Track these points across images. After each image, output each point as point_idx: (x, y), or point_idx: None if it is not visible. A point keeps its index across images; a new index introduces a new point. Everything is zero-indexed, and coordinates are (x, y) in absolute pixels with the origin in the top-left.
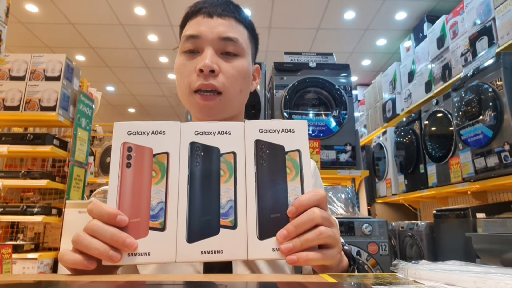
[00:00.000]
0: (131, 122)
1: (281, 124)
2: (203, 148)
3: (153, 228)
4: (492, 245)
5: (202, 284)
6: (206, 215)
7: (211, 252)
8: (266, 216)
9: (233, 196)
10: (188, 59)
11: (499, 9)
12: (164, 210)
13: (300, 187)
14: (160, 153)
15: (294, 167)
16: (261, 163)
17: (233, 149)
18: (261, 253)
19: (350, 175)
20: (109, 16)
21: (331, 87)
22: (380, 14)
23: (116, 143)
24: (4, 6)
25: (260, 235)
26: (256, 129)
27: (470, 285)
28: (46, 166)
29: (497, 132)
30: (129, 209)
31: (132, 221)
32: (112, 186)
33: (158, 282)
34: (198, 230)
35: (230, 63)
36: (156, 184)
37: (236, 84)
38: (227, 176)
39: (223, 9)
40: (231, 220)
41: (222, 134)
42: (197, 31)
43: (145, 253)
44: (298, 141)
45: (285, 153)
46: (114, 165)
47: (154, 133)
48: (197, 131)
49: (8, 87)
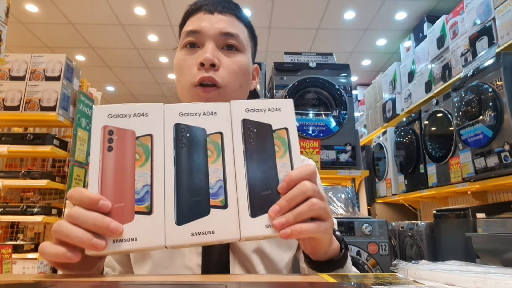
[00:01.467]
0: (111, 105)
1: (267, 103)
2: (188, 129)
3: (139, 212)
4: (492, 245)
5: (202, 284)
6: (195, 196)
7: (202, 233)
8: (257, 194)
9: (222, 176)
10: (189, 53)
11: (499, 9)
12: (150, 193)
13: (290, 164)
14: (143, 135)
15: (282, 144)
16: (249, 142)
17: (220, 129)
18: (254, 230)
19: (350, 175)
20: (109, 16)
21: (331, 87)
22: (380, 14)
23: (96, 127)
24: (4, 6)
25: (252, 213)
26: (242, 108)
27: (470, 285)
28: (46, 166)
29: (497, 132)
30: (112, 194)
31: (116, 206)
32: (93, 171)
33: (155, 282)
34: (187, 212)
35: (230, 58)
36: (140, 167)
37: (236, 79)
38: (215, 157)
39: (223, 6)
40: (221, 200)
41: (208, 114)
42: (198, 26)
43: (131, 238)
44: (285, 119)
45: (272, 131)
46: (95, 150)
47: (136, 115)
48: (181, 112)
49: (8, 87)
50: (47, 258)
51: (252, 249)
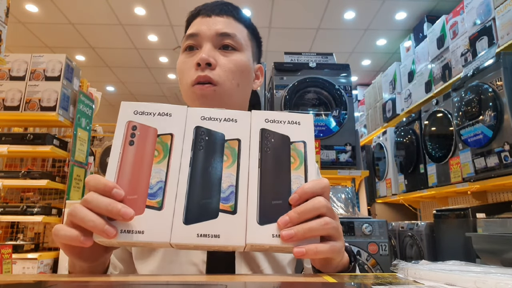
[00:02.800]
0: (138, 103)
1: (287, 116)
2: (208, 133)
3: (150, 207)
4: (492, 245)
5: (202, 284)
6: (205, 198)
7: (208, 235)
8: (267, 202)
9: (234, 182)
10: (188, 56)
11: (499, 9)
12: (163, 190)
13: (304, 177)
14: (165, 134)
15: (298, 156)
16: (265, 151)
17: (238, 136)
18: (260, 238)
19: (350, 175)
20: (109, 16)
21: (331, 87)
22: (380, 14)
23: (121, 121)
24: (4, 6)
25: (260, 220)
26: (262, 118)
27: (470, 285)
28: (46, 166)
29: (497, 132)
30: (127, 185)
31: (129, 198)
32: (112, 162)
33: (156, 282)
34: (196, 212)
35: (227, 57)
36: (158, 163)
37: (233, 77)
38: (230, 162)
39: (221, 9)
40: (231, 205)
41: (228, 121)
42: (196, 30)
43: (139, 231)
44: (304, 133)
45: (290, 143)
46: (117, 142)
47: (160, 115)
48: (203, 116)
49: (8, 87)
50: (60, 240)
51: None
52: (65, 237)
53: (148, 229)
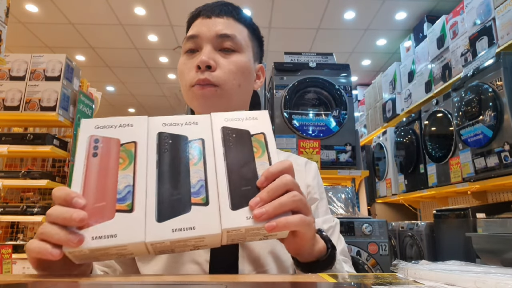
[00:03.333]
0: (98, 118)
1: (244, 114)
2: (171, 137)
3: (120, 210)
4: (492, 245)
5: (202, 284)
6: (176, 194)
7: (183, 229)
8: (237, 189)
9: (203, 176)
10: (189, 58)
11: (499, 9)
12: (132, 193)
13: (268, 162)
14: (128, 142)
15: (260, 146)
16: (228, 145)
17: (201, 136)
18: (234, 222)
19: (350, 175)
20: (109, 16)
21: (331, 87)
22: (380, 14)
23: (82, 138)
24: (4, 6)
25: (233, 206)
26: (222, 118)
27: (470, 285)
28: (46, 166)
29: (497, 132)
30: (94, 193)
31: (97, 206)
32: (77, 174)
33: (156, 282)
34: (168, 209)
35: (227, 58)
36: (124, 169)
37: (234, 78)
38: (196, 159)
39: (220, 9)
40: (202, 197)
41: (190, 124)
42: (196, 31)
43: (111, 235)
44: (262, 126)
45: (250, 135)
46: (80, 156)
47: (122, 126)
48: (164, 123)
49: (8, 87)
50: (31, 254)
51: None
52: (34, 250)
53: (120, 231)
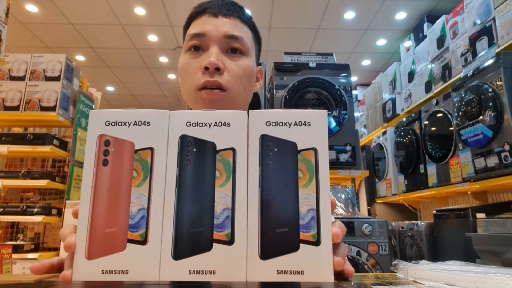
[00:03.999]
0: (110, 111)
1: (294, 115)
2: (195, 143)
3: (132, 241)
4: (492, 245)
5: (202, 285)
6: (196, 226)
7: (202, 272)
8: (270, 231)
9: (230, 204)
10: (193, 57)
11: (499, 9)
12: (146, 219)
13: (315, 196)
14: (144, 148)
15: (308, 170)
16: (267, 164)
17: (233, 145)
18: (263, 276)
19: (350, 175)
20: (109, 16)
21: (331, 87)
22: (380, 14)
23: (91, 135)
24: (4, 6)
25: (263, 254)
26: (262, 121)
27: (470, 285)
28: (46, 166)
29: (497, 132)
30: (104, 216)
31: (108, 231)
32: (86, 188)
33: (156, 282)
34: (186, 245)
35: (235, 61)
36: (137, 186)
37: (241, 83)
38: (224, 179)
39: (228, 9)
40: (227, 233)
41: (220, 125)
42: (203, 30)
43: (122, 270)
44: (315, 136)
45: (297, 152)
46: (89, 162)
47: (137, 124)
48: (189, 121)
49: (8, 87)
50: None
51: None
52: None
53: (132, 268)
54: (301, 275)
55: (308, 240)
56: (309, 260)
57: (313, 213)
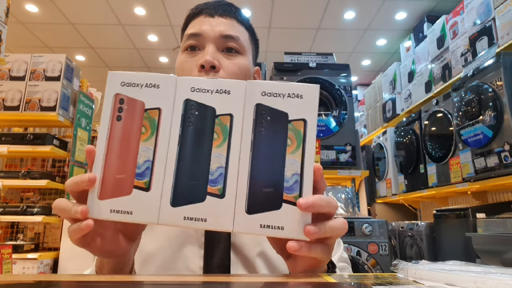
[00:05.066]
0: (125, 72)
1: (288, 88)
2: (198, 107)
3: (138, 187)
4: (492, 245)
5: (202, 284)
6: (193, 179)
7: (195, 219)
8: (257, 190)
9: (224, 163)
10: (190, 56)
11: (499, 9)
12: (150, 169)
13: (300, 162)
14: (152, 108)
15: (296, 138)
16: (259, 131)
17: (231, 111)
18: (248, 228)
19: (350, 175)
20: (109, 16)
21: (331, 87)
22: (380, 14)
23: (108, 94)
24: (4, 6)
25: (249, 209)
26: (259, 90)
27: (470, 285)
28: (46, 166)
29: (497, 132)
30: (116, 163)
31: (117, 177)
32: (101, 138)
33: (157, 283)
34: (183, 194)
35: (231, 60)
36: (145, 141)
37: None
38: (221, 140)
39: (224, 9)
40: (219, 188)
41: (221, 92)
42: (199, 29)
43: (127, 211)
44: (306, 109)
45: (288, 121)
46: (105, 117)
47: (148, 86)
48: (193, 87)
49: (8, 87)
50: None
51: (255, 252)
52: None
53: (136, 210)
54: (281, 230)
55: (290, 200)
56: (290, 218)
57: (296, 177)
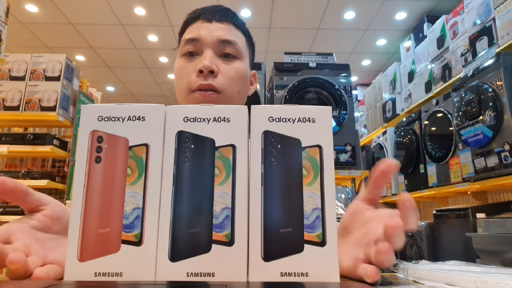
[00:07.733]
0: (102, 105)
1: (298, 111)
2: (193, 139)
3: (127, 242)
4: (492, 245)
5: (202, 284)
6: (194, 226)
7: (200, 274)
8: (274, 231)
9: (230, 203)
10: (188, 61)
11: (499, 9)
12: (141, 219)
13: (320, 194)
14: (138, 145)
15: (312, 168)
16: (270, 161)
17: (233, 141)
18: (266, 278)
19: (350, 175)
20: (109, 16)
21: (331, 87)
22: (380, 14)
23: (83, 131)
24: (4, 6)
25: (266, 256)
26: (265, 116)
27: (470, 285)
28: (46, 166)
29: (497, 132)
30: (97, 215)
31: (101, 232)
32: (78, 186)
33: (157, 282)
34: (184, 246)
35: (228, 64)
36: (132, 184)
37: (235, 85)
38: (224, 177)
39: (221, 15)
40: (226, 234)
41: (219, 121)
42: (197, 35)
43: (116, 273)
44: (320, 133)
45: (302, 149)
46: (81, 159)
47: (131, 119)
48: (186, 117)
49: (8, 87)
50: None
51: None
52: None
53: (127, 269)
54: (306, 277)
55: (313, 240)
56: (314, 262)
57: (318, 213)
